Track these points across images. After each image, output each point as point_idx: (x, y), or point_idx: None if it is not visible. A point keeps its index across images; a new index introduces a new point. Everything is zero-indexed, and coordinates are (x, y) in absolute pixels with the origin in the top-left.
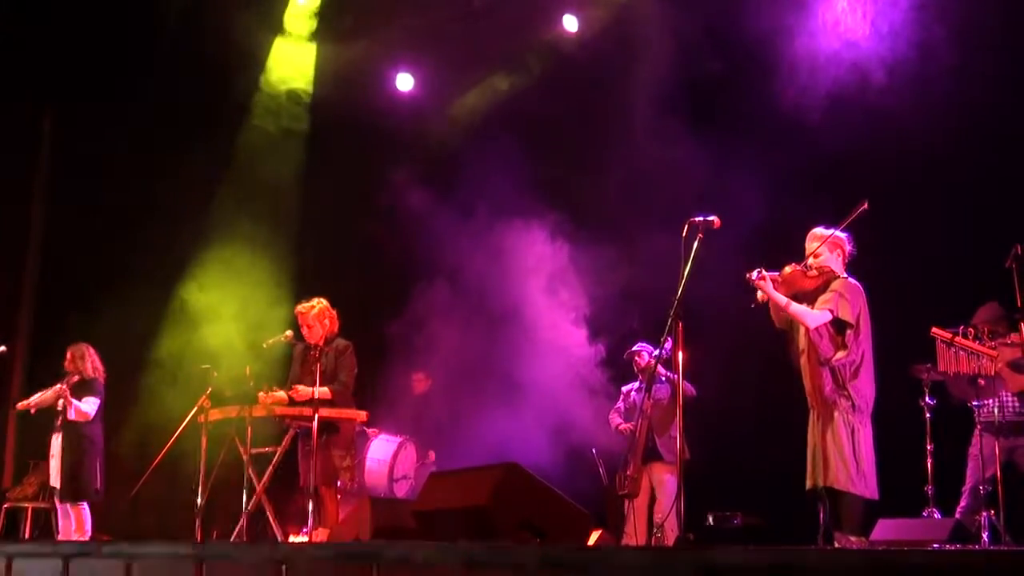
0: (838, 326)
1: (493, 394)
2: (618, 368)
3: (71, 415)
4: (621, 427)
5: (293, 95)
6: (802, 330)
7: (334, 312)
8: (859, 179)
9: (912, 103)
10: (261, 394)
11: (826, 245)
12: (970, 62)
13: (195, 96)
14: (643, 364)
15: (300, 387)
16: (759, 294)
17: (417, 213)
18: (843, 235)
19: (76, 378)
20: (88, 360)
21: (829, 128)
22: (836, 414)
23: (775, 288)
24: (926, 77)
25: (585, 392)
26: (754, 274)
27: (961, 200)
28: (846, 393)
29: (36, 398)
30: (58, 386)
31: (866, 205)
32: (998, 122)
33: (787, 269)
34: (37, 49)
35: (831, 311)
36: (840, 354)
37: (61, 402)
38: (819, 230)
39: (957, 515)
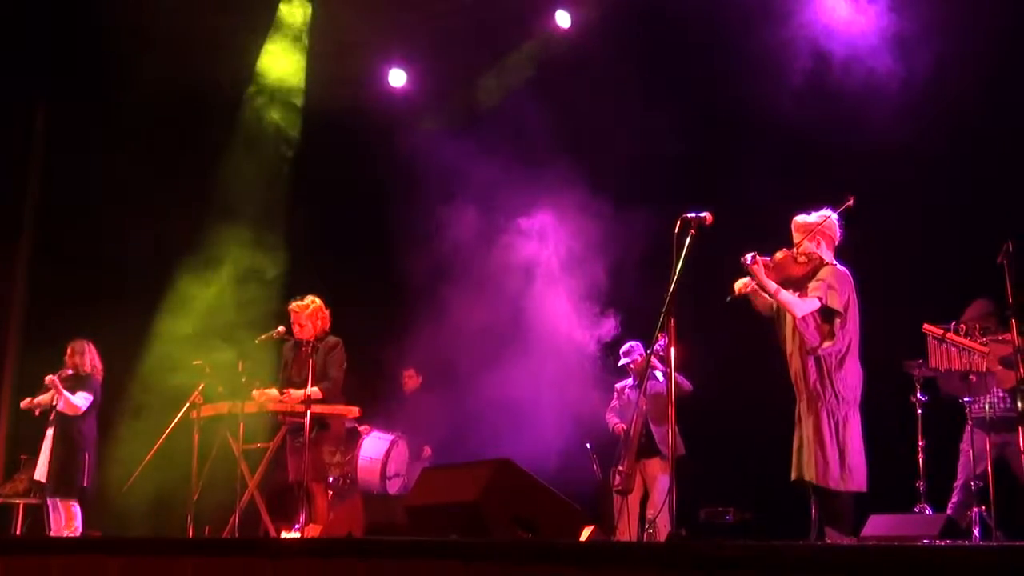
0: (825, 314)
1: (491, 389)
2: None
3: (60, 406)
4: (619, 428)
5: (286, 91)
6: (788, 318)
7: (327, 311)
8: (851, 174)
9: (908, 97)
10: (255, 393)
11: (807, 236)
12: (964, 57)
13: (189, 93)
14: (637, 364)
15: (292, 391)
16: (737, 285)
17: (411, 212)
18: (833, 218)
19: (69, 372)
20: (87, 356)
21: (826, 123)
22: (820, 407)
23: (765, 273)
24: (919, 70)
25: (590, 382)
26: (748, 258)
27: (953, 195)
28: (831, 385)
29: (40, 398)
30: (48, 377)
31: (851, 201)
32: (991, 117)
33: (778, 255)
34: (29, 47)
35: (819, 299)
36: (826, 344)
37: (54, 396)
38: (801, 217)
39: (948, 511)
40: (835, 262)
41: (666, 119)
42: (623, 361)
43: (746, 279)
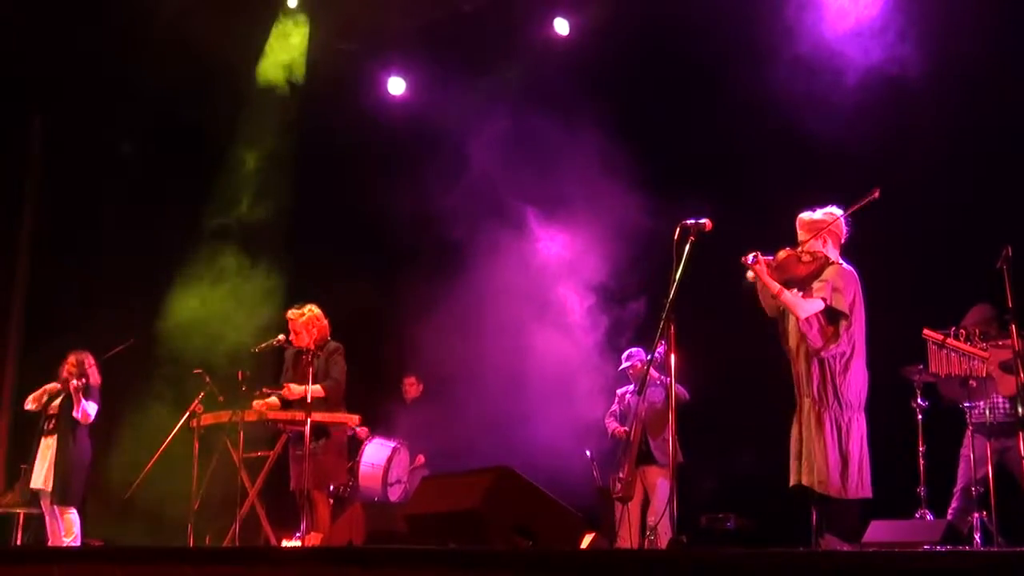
0: (830, 316)
1: (492, 396)
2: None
3: (77, 414)
4: (617, 431)
5: (285, 96)
6: (792, 319)
7: (325, 321)
8: (850, 177)
9: (907, 101)
10: (256, 403)
11: (813, 234)
12: (966, 60)
13: (186, 98)
14: (637, 369)
15: (292, 385)
16: (749, 273)
17: (407, 213)
18: (839, 214)
19: (83, 381)
20: (90, 367)
21: (824, 123)
22: (824, 413)
23: (768, 273)
24: (923, 74)
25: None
26: (749, 258)
27: (953, 200)
28: (835, 389)
29: (37, 392)
30: (73, 382)
31: (877, 194)
32: (992, 120)
33: (781, 254)
34: (27, 52)
35: (824, 300)
36: (830, 346)
37: (56, 404)
38: (806, 215)
39: (948, 516)
40: (841, 261)
41: (666, 121)
42: (623, 365)
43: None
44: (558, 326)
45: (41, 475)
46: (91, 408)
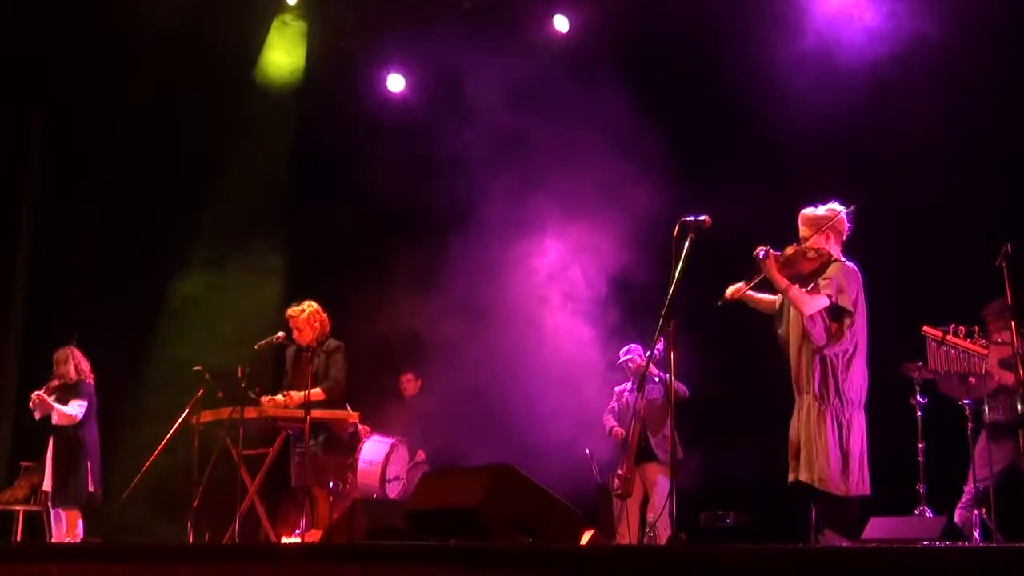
0: (834, 313)
1: (492, 392)
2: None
3: (55, 419)
4: (615, 430)
5: (284, 94)
6: (794, 316)
7: (324, 315)
8: (849, 176)
9: (909, 98)
10: (265, 397)
11: (815, 231)
12: (969, 56)
13: (186, 95)
14: (636, 366)
15: (293, 394)
16: (728, 291)
17: (406, 210)
18: (841, 211)
19: (56, 383)
20: (71, 363)
21: (824, 120)
22: (825, 410)
23: (776, 268)
24: (924, 69)
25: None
26: (761, 252)
27: (953, 198)
28: (836, 387)
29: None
30: (34, 395)
31: (853, 208)
32: (993, 119)
33: (789, 250)
34: (26, 46)
35: (829, 296)
36: (834, 343)
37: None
38: (809, 210)
39: (956, 512)
40: (843, 258)
41: (662, 121)
42: (623, 359)
43: (738, 284)
44: (559, 323)
45: (47, 476)
46: (72, 408)
